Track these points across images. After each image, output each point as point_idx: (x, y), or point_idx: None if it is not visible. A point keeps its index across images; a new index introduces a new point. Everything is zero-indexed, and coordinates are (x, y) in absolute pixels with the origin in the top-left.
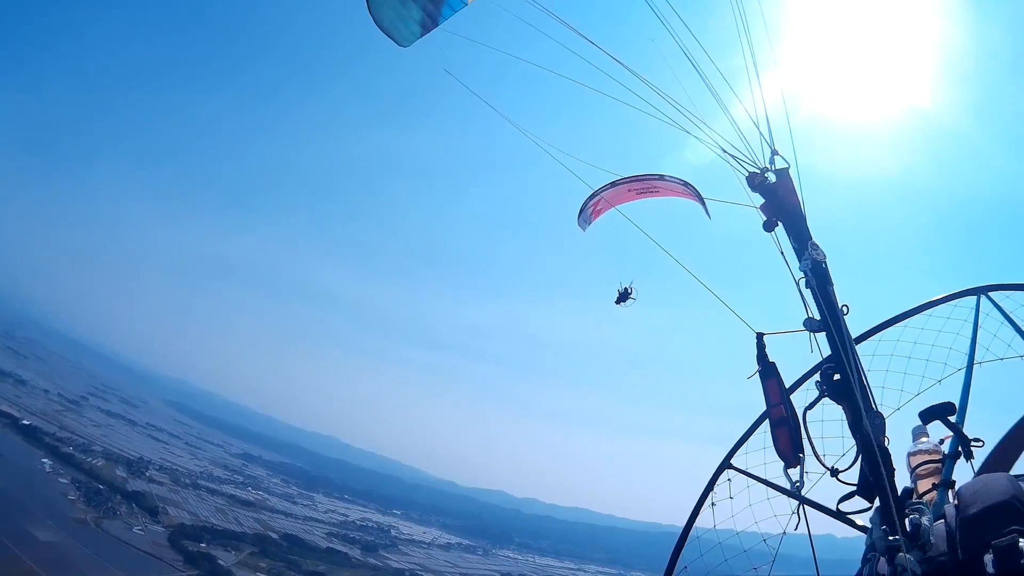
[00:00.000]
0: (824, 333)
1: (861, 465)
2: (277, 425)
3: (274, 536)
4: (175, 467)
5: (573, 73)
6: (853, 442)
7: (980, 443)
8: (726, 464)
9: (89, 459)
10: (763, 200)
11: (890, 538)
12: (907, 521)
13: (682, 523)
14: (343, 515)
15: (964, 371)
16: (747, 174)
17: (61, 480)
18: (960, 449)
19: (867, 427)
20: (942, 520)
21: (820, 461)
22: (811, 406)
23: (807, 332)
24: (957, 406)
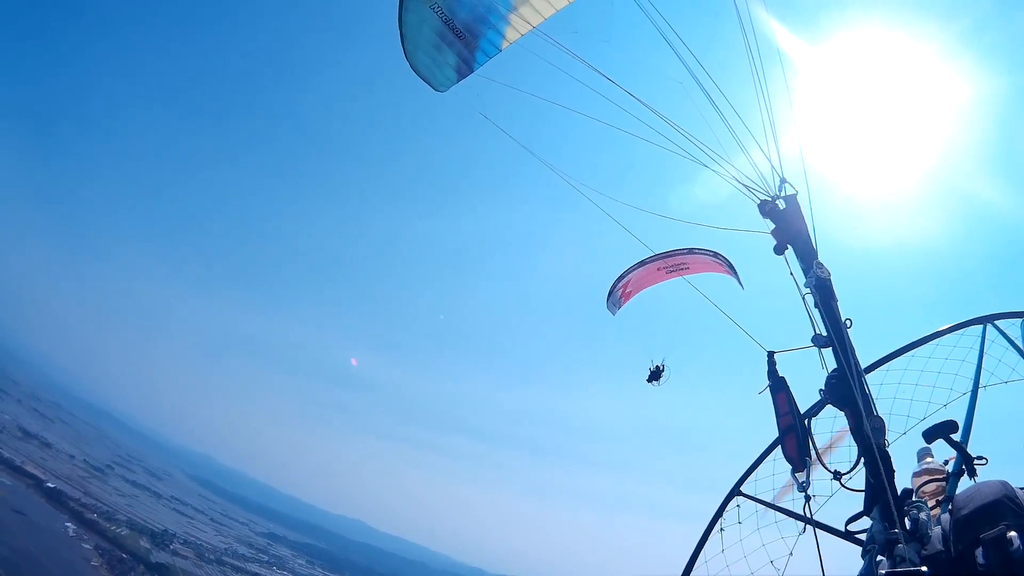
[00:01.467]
0: (830, 348)
1: (866, 478)
2: (302, 506)
3: None
4: (200, 542)
5: (591, 112)
6: (857, 450)
7: (984, 461)
8: (735, 491)
9: (113, 527)
10: (774, 226)
11: (890, 531)
12: (907, 518)
13: None
14: None
15: (969, 395)
16: (759, 202)
17: (84, 545)
18: (964, 467)
19: (867, 429)
20: (940, 526)
21: (823, 465)
22: (815, 412)
23: (815, 349)
24: (961, 426)
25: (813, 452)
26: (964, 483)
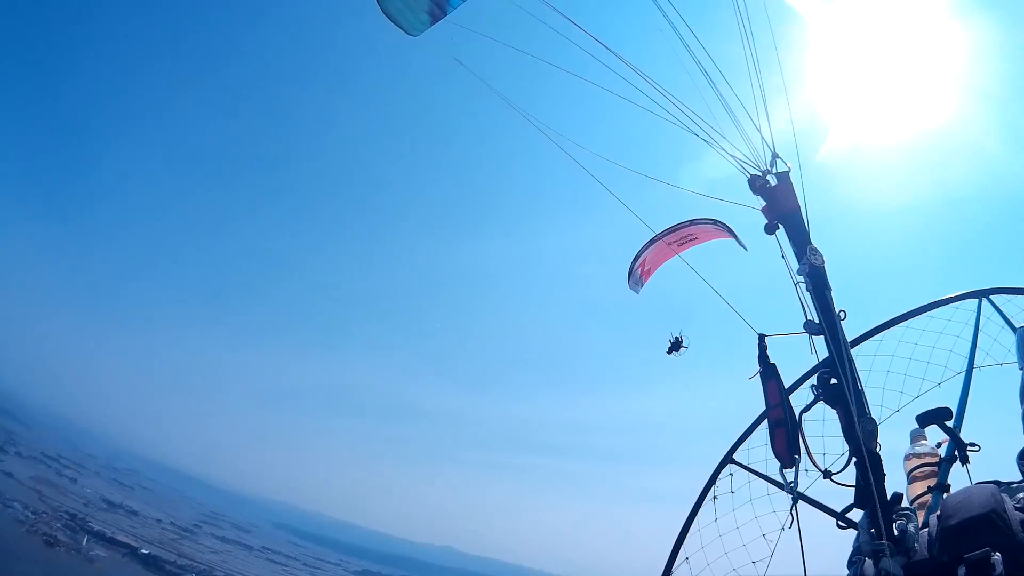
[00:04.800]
0: (823, 338)
1: (856, 479)
2: (389, 540)
3: None
4: None
5: (571, 68)
6: (848, 449)
7: (976, 448)
8: (728, 459)
9: None
10: (764, 203)
11: (876, 542)
12: (895, 526)
13: None
14: None
15: (964, 375)
16: (749, 176)
17: None
18: (956, 454)
19: (859, 432)
20: (927, 528)
21: (814, 463)
22: (806, 409)
23: (807, 335)
24: (955, 410)
25: (804, 449)
26: (956, 470)
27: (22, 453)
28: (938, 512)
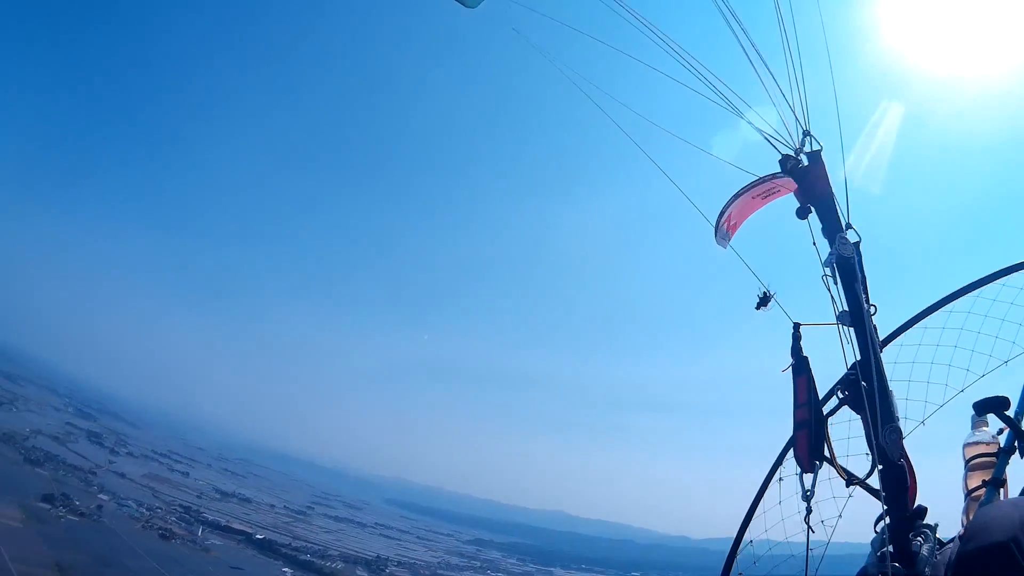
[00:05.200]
0: (853, 325)
1: (880, 485)
2: (501, 507)
3: None
4: (413, 560)
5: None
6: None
7: None
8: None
9: (328, 563)
10: (796, 185)
11: (881, 564)
12: (911, 544)
13: None
14: None
15: None
16: (780, 156)
17: None
18: (1016, 444)
19: (883, 441)
20: (949, 547)
21: (837, 469)
22: (831, 413)
23: (841, 326)
24: (1021, 391)
25: (828, 453)
26: (1015, 462)
27: (133, 453)
28: (962, 532)
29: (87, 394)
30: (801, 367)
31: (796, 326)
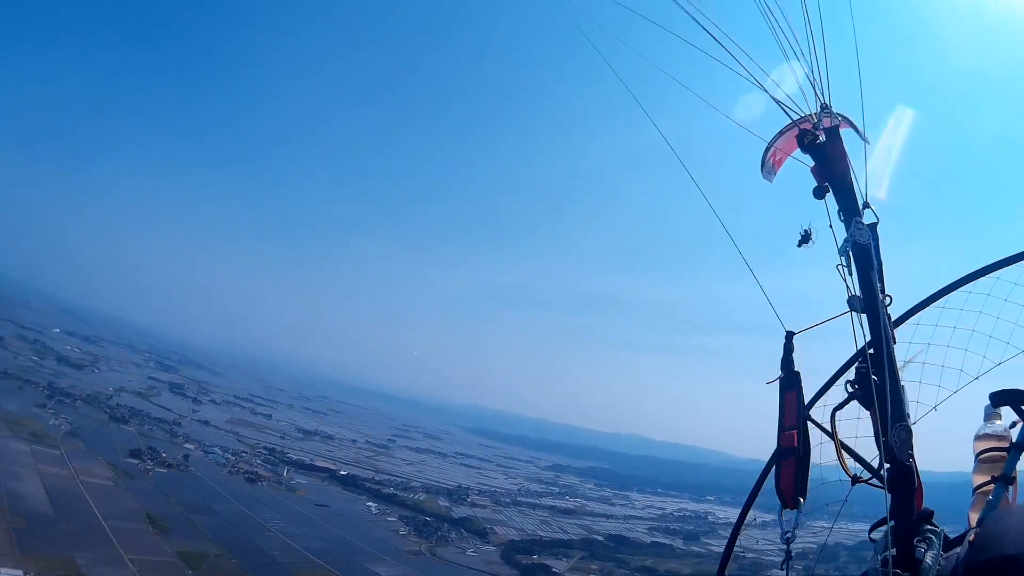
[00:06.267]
0: (867, 315)
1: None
2: (578, 432)
3: (599, 539)
4: (493, 489)
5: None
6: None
7: None
8: (806, 415)
9: (411, 495)
10: (813, 163)
11: (882, 569)
12: (915, 549)
13: None
14: (660, 509)
15: None
16: (798, 132)
17: (389, 519)
18: None
19: (892, 440)
20: (957, 552)
21: (844, 468)
22: (839, 407)
23: (844, 317)
24: None
25: (835, 446)
26: None
27: (216, 400)
28: (971, 538)
29: (165, 346)
30: (791, 382)
31: (789, 335)
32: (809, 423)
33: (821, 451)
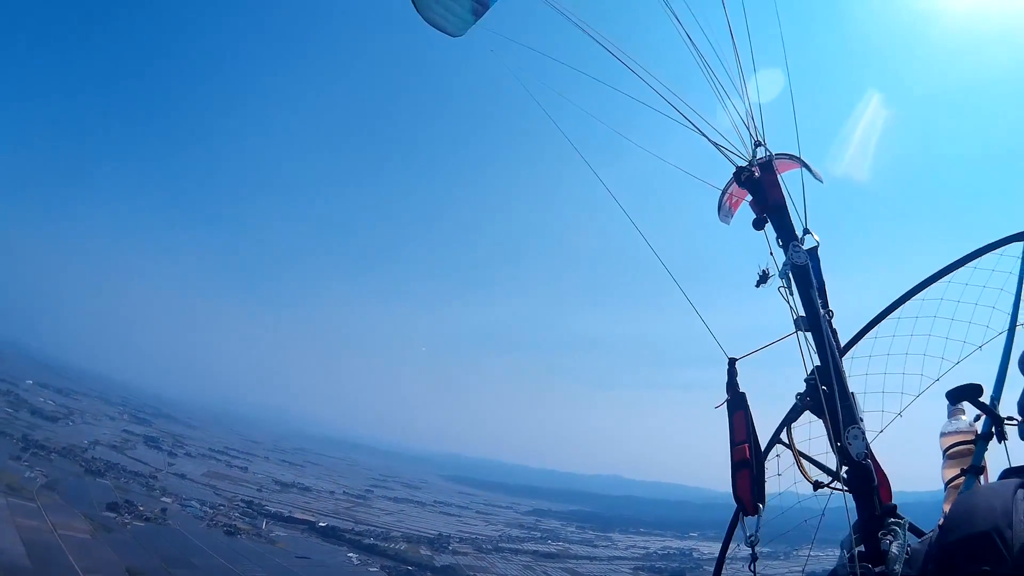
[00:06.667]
0: (811, 332)
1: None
2: (557, 476)
3: None
4: (474, 536)
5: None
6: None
7: (1015, 421)
8: (776, 439)
9: (392, 545)
10: (751, 196)
11: (850, 565)
12: (881, 542)
13: None
14: (643, 548)
15: (1006, 334)
16: (735, 169)
17: (371, 569)
18: (993, 430)
19: (844, 443)
20: (929, 536)
21: (804, 475)
22: (792, 418)
23: (785, 341)
24: (996, 374)
25: (794, 457)
26: (994, 447)
27: (191, 453)
28: (941, 521)
29: (140, 399)
30: (738, 403)
31: (731, 361)
32: (778, 443)
33: (791, 471)
